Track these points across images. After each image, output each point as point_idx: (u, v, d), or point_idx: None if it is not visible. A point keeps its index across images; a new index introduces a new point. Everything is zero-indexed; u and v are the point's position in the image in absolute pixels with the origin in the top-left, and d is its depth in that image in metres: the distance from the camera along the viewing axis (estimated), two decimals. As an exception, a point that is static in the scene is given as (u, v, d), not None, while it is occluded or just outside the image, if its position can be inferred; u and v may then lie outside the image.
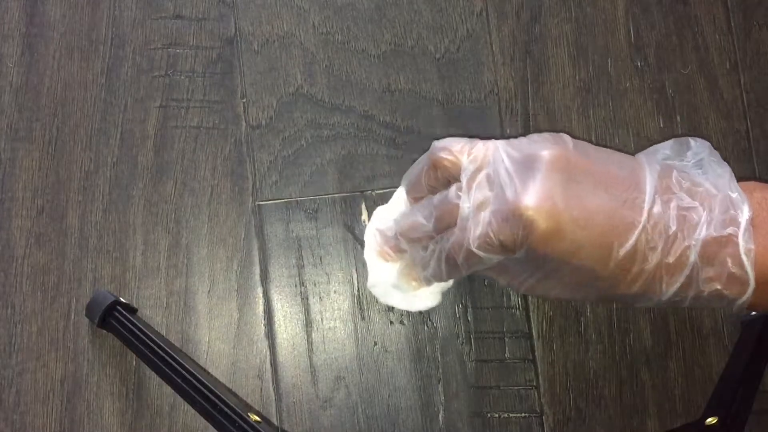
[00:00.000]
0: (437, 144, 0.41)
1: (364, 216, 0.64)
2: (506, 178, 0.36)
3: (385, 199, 0.64)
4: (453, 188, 0.39)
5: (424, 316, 0.63)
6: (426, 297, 0.48)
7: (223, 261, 0.64)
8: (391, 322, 0.63)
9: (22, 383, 0.61)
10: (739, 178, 0.38)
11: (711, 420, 0.52)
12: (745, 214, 0.35)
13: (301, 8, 0.68)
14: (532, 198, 0.34)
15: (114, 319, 0.58)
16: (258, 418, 0.53)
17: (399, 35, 0.68)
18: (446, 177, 0.41)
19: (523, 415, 0.62)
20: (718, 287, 0.35)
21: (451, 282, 0.47)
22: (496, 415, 0.62)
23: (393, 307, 0.63)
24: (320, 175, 0.65)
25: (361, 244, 0.64)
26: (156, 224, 0.64)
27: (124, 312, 0.58)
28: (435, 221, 0.41)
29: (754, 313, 0.61)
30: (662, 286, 0.36)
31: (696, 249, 0.35)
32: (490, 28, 0.68)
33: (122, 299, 0.60)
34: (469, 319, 0.63)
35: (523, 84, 0.67)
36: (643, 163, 0.38)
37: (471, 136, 0.41)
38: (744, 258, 0.35)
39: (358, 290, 0.64)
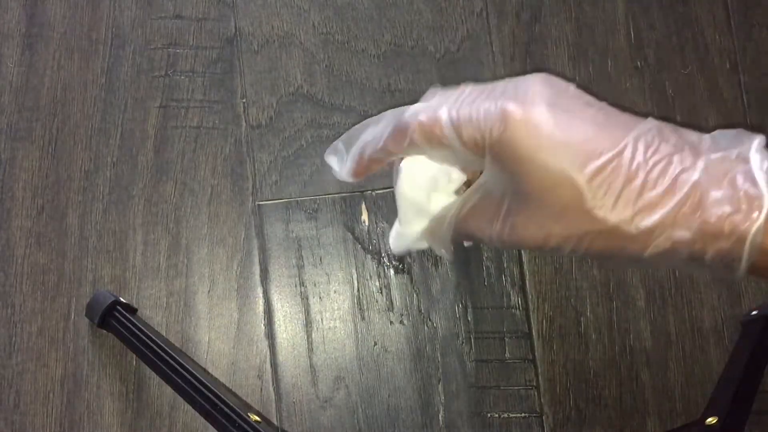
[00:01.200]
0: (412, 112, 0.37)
1: (364, 216, 0.64)
2: (495, 87, 0.35)
3: (385, 199, 0.65)
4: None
5: (424, 315, 0.63)
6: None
7: (223, 261, 0.64)
8: (391, 322, 0.63)
9: (22, 383, 0.61)
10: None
11: (711, 420, 0.52)
12: (757, 140, 0.32)
13: (301, 8, 0.68)
14: (517, 100, 0.33)
15: (114, 319, 0.58)
16: (258, 418, 0.53)
17: (399, 35, 0.68)
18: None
19: (523, 415, 0.62)
20: (728, 209, 0.31)
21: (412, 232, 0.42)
22: (496, 415, 0.62)
23: (393, 307, 0.63)
24: (320, 175, 0.65)
25: (362, 243, 0.64)
26: (156, 224, 0.64)
27: (124, 312, 0.58)
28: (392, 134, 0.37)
29: (754, 312, 0.61)
30: (656, 209, 0.32)
31: (699, 169, 0.31)
32: (490, 28, 0.68)
33: (122, 299, 0.60)
34: (469, 319, 0.63)
35: (523, 84, 0.67)
36: None
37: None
38: (757, 172, 0.31)
39: (358, 290, 0.64)
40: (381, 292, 0.63)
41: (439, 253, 0.42)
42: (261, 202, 0.65)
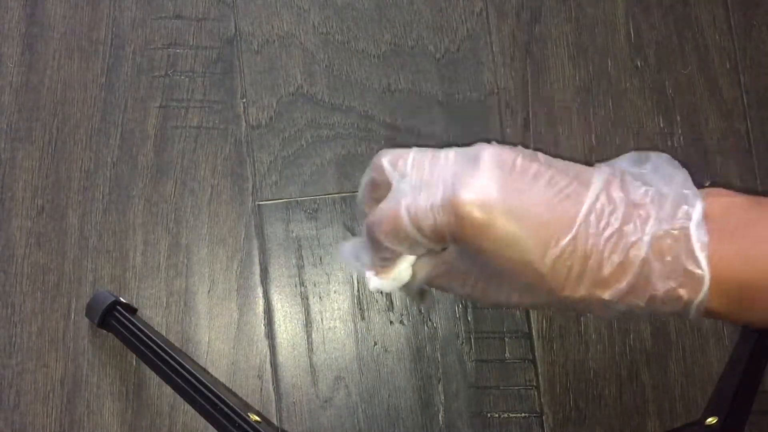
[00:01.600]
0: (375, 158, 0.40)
1: (364, 216, 0.64)
2: (446, 167, 0.36)
3: (385, 199, 0.65)
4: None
5: (424, 316, 0.63)
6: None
7: (223, 261, 0.64)
8: (391, 322, 0.63)
9: (22, 383, 0.61)
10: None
11: (711, 420, 0.52)
12: (698, 209, 0.34)
13: (301, 8, 0.68)
14: (469, 192, 0.34)
15: (114, 319, 0.58)
16: (258, 418, 0.53)
17: (399, 35, 0.68)
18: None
19: (523, 415, 0.62)
20: (673, 285, 0.34)
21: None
22: (496, 415, 0.62)
23: (393, 307, 0.63)
24: (320, 175, 0.65)
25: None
26: (156, 224, 0.64)
27: (124, 312, 0.58)
28: (366, 188, 0.39)
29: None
30: (612, 285, 0.34)
31: (646, 244, 0.34)
32: (490, 28, 0.68)
33: (122, 299, 0.60)
34: (469, 319, 0.63)
35: (523, 84, 0.67)
36: (594, 167, 0.37)
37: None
38: (698, 251, 0.33)
39: (358, 290, 0.64)
40: (381, 292, 0.63)
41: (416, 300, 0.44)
42: (261, 202, 0.65)
